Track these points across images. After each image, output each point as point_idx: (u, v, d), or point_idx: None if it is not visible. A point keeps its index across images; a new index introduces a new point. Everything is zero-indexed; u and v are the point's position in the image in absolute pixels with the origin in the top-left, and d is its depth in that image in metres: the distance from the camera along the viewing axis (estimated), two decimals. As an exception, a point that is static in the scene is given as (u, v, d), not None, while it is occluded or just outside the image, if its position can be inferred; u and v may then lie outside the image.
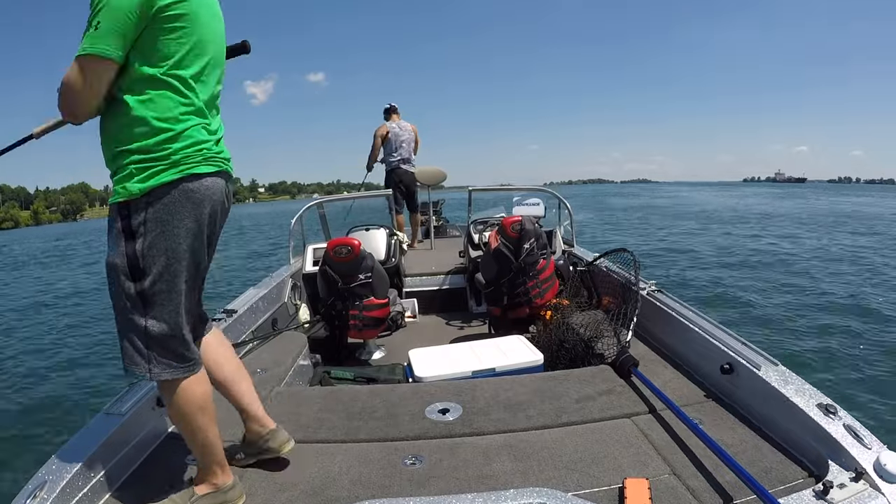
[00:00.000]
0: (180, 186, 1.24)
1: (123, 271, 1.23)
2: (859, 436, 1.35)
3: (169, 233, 1.24)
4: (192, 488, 1.37)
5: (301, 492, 1.41)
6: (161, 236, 1.23)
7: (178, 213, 1.24)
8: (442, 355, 2.42)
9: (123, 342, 1.27)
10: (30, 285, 12.03)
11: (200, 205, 1.28)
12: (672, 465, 1.46)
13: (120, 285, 1.24)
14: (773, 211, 25.67)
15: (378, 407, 1.89)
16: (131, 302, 1.24)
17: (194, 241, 1.29)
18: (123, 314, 1.25)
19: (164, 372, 1.27)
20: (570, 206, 4.34)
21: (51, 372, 5.22)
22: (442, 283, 4.16)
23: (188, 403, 1.31)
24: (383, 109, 5.94)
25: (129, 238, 1.22)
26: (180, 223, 1.25)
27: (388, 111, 5.89)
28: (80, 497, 1.33)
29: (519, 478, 1.43)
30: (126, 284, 1.23)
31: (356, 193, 5.54)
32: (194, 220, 1.27)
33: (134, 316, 1.24)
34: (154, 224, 1.22)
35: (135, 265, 1.22)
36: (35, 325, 7.47)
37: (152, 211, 1.22)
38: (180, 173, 1.24)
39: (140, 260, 1.22)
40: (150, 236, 1.22)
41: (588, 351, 2.33)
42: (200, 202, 1.28)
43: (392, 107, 5.89)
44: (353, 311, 2.92)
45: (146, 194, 1.21)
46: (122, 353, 1.28)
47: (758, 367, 1.70)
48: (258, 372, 2.27)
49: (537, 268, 3.05)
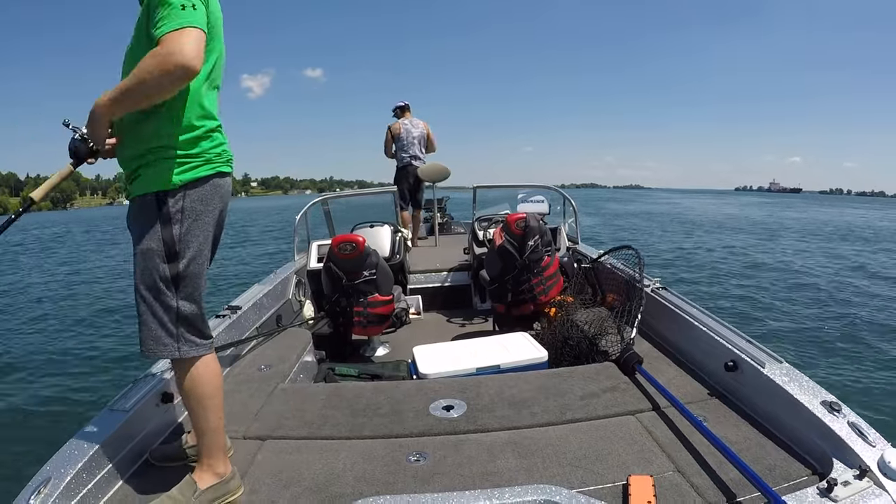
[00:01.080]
0: (212, 181, 1.38)
1: (159, 254, 1.32)
2: (863, 433, 1.35)
3: (202, 221, 1.37)
4: (194, 482, 1.38)
5: (305, 488, 1.42)
6: (196, 223, 1.35)
7: (209, 204, 1.38)
8: (446, 352, 2.42)
9: (150, 325, 1.34)
10: (28, 275, 12.04)
11: (223, 199, 1.44)
12: (676, 462, 1.46)
13: (154, 268, 1.32)
14: (771, 220, 25.88)
15: (382, 403, 1.90)
16: (165, 283, 1.33)
17: (216, 229, 1.44)
18: (155, 296, 1.33)
19: (191, 349, 1.37)
20: (575, 204, 4.33)
21: (54, 367, 5.25)
22: (446, 279, 4.17)
23: (208, 383, 1.40)
24: (395, 107, 5.94)
25: (167, 223, 1.32)
26: (210, 213, 1.39)
27: (402, 109, 5.90)
28: (84, 493, 1.34)
29: (523, 475, 1.43)
30: (161, 267, 1.32)
31: (362, 190, 5.55)
32: (219, 212, 1.43)
33: (167, 297, 1.34)
34: (190, 212, 1.34)
35: (171, 249, 1.32)
36: (39, 317, 7.51)
37: (189, 201, 1.34)
38: (212, 170, 1.38)
39: (177, 244, 1.33)
40: (187, 223, 1.34)
41: (592, 348, 2.33)
42: (223, 197, 1.43)
43: (405, 105, 5.91)
44: (358, 308, 2.93)
45: (184, 185, 1.33)
46: (143, 337, 1.34)
47: (762, 365, 1.69)
48: (262, 368, 2.28)
49: (542, 265, 3.05)
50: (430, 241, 5.65)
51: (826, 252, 12.77)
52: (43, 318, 7.51)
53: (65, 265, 13.35)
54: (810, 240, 16.20)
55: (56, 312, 7.86)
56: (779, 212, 35.23)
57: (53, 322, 7.27)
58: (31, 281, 11.04)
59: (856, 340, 5.32)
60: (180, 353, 1.35)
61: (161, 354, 1.35)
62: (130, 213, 1.38)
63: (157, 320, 1.33)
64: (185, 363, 1.38)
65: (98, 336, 6.40)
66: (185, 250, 1.34)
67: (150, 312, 1.33)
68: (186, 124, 1.32)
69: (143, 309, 1.34)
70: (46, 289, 9.97)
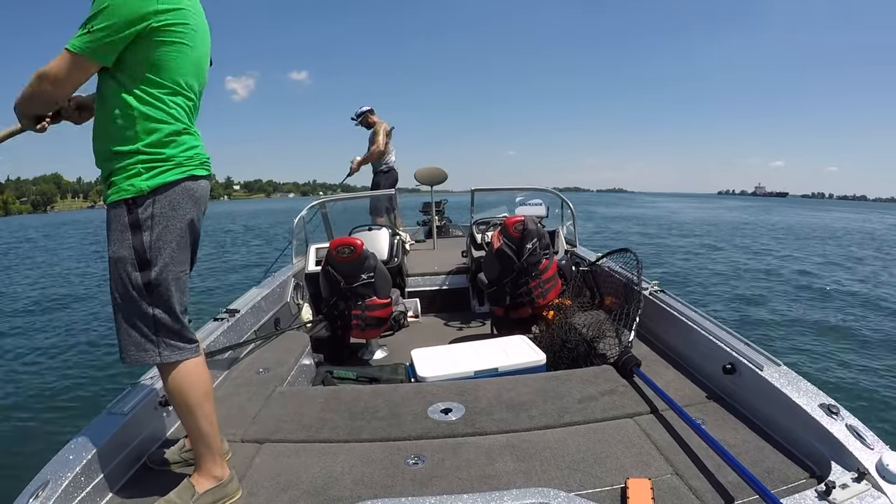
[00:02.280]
0: (182, 185, 1.35)
1: (131, 262, 1.30)
2: (862, 436, 1.35)
3: (173, 226, 1.34)
4: (192, 486, 1.37)
5: (303, 491, 1.41)
6: (166, 230, 1.32)
7: (180, 208, 1.35)
8: (444, 355, 2.42)
9: (130, 333, 1.32)
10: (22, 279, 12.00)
11: (198, 203, 1.40)
12: (674, 465, 1.46)
13: (127, 276, 1.30)
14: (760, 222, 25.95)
15: (380, 407, 1.90)
16: (138, 292, 1.31)
17: (191, 234, 1.41)
18: (130, 304, 1.31)
19: (173, 354, 1.35)
20: (573, 207, 4.34)
21: (52, 369, 5.23)
22: (444, 283, 4.17)
23: (196, 389, 1.38)
24: (364, 111, 5.69)
25: (136, 231, 1.30)
26: (182, 218, 1.36)
27: (371, 112, 5.70)
28: (82, 496, 1.33)
29: (521, 478, 1.43)
30: (133, 275, 1.30)
31: (359, 193, 5.54)
32: (193, 216, 1.39)
33: (142, 305, 1.32)
34: (161, 218, 1.31)
35: (142, 256, 1.30)
36: (33, 321, 7.48)
37: (158, 206, 1.31)
38: (183, 174, 1.35)
39: (147, 251, 1.30)
40: (157, 229, 1.31)
41: (590, 351, 2.33)
42: (198, 200, 1.40)
43: (371, 109, 5.71)
44: (356, 311, 2.93)
45: (153, 191, 1.30)
46: (124, 346, 1.33)
47: (760, 368, 1.69)
48: (260, 371, 2.28)
49: (540, 268, 3.05)
50: (428, 244, 5.65)
51: (823, 255, 12.83)
52: (39, 319, 7.48)
53: (63, 266, 13.33)
54: (805, 243, 16.25)
55: (54, 313, 7.83)
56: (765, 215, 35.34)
57: (49, 323, 7.24)
58: (28, 282, 11.01)
59: (854, 343, 5.33)
60: (161, 358, 1.34)
61: (142, 361, 1.34)
62: (106, 219, 1.35)
63: (134, 328, 1.32)
64: (170, 368, 1.36)
65: (98, 337, 6.38)
66: (156, 258, 1.31)
67: (126, 320, 1.32)
68: (157, 127, 1.30)
69: (119, 317, 1.32)
70: (44, 290, 9.95)
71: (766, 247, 15.10)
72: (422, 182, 5.77)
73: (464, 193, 5.52)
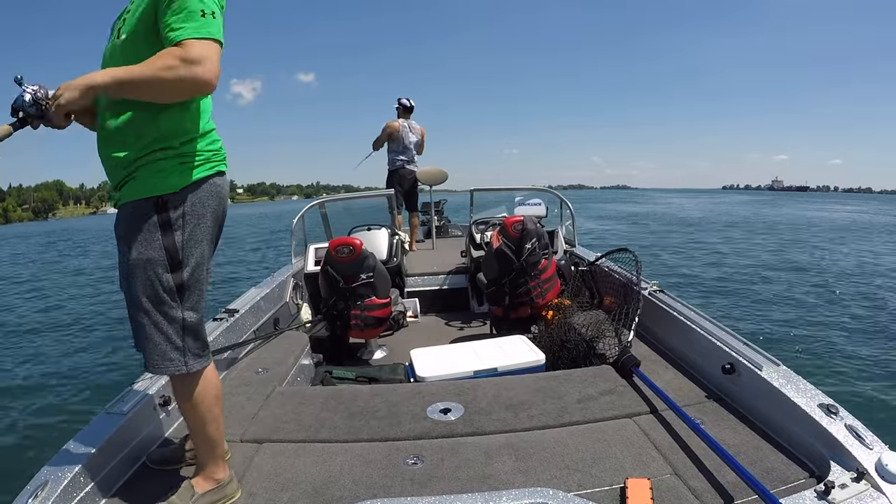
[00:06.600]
0: (210, 181, 1.31)
1: (162, 264, 1.23)
2: (861, 436, 1.35)
3: (204, 224, 1.29)
4: (192, 487, 1.37)
5: (302, 491, 1.41)
6: (198, 228, 1.28)
7: (209, 205, 1.30)
8: (443, 355, 2.42)
9: (155, 339, 1.26)
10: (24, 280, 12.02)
11: (223, 199, 1.36)
12: (674, 465, 1.46)
13: (157, 279, 1.23)
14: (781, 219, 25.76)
15: (379, 407, 1.90)
16: (170, 294, 1.25)
17: (217, 232, 1.37)
18: (160, 308, 1.25)
19: (196, 362, 1.31)
20: (572, 206, 4.34)
21: (52, 371, 5.23)
22: (443, 282, 4.17)
23: (209, 393, 1.36)
24: (401, 104, 5.65)
25: (168, 230, 1.24)
26: (211, 215, 1.31)
27: (406, 109, 5.65)
28: (81, 497, 1.33)
29: (520, 477, 1.43)
30: (164, 277, 1.24)
31: (358, 193, 5.54)
32: (219, 213, 1.35)
33: (172, 309, 1.26)
34: (192, 216, 1.26)
35: (175, 257, 1.24)
36: (35, 326, 7.48)
37: (189, 204, 1.26)
38: (211, 170, 1.31)
39: (180, 251, 1.25)
40: (189, 228, 1.26)
41: (590, 351, 2.33)
42: (223, 197, 1.36)
43: (410, 105, 5.65)
44: (355, 311, 2.93)
45: (186, 188, 1.25)
46: (149, 353, 1.27)
47: (759, 368, 1.69)
48: (260, 371, 2.28)
49: (539, 268, 3.06)
50: (428, 244, 5.65)
51: (827, 251, 12.73)
52: (38, 321, 7.48)
53: (62, 267, 13.33)
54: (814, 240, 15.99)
55: (52, 313, 7.83)
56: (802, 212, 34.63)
57: (49, 325, 7.24)
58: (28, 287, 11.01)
59: (854, 343, 5.33)
60: (188, 368, 1.29)
61: (167, 370, 1.29)
62: (121, 220, 1.27)
63: (162, 334, 1.26)
64: (188, 378, 1.32)
65: (97, 338, 6.38)
66: (188, 258, 1.26)
67: (154, 326, 1.25)
68: (195, 125, 1.28)
69: (147, 322, 1.25)
70: (42, 293, 9.95)
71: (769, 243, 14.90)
72: (423, 182, 5.78)
73: (463, 193, 5.52)
